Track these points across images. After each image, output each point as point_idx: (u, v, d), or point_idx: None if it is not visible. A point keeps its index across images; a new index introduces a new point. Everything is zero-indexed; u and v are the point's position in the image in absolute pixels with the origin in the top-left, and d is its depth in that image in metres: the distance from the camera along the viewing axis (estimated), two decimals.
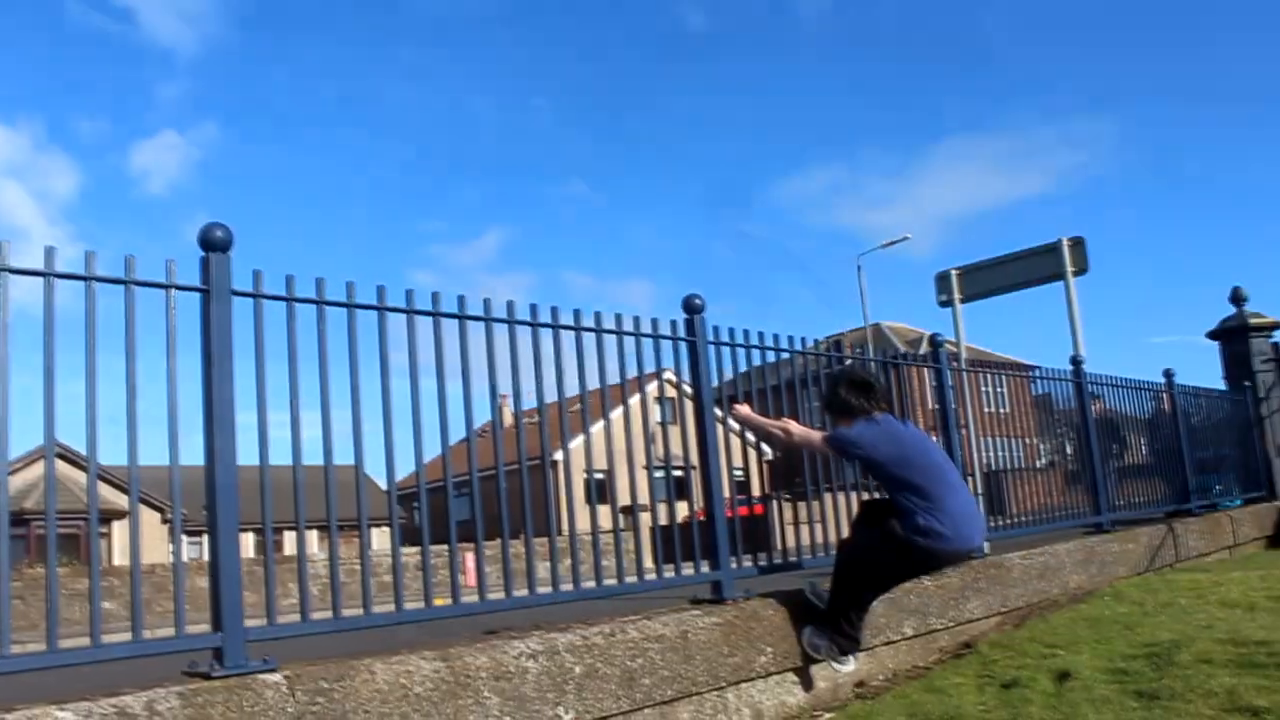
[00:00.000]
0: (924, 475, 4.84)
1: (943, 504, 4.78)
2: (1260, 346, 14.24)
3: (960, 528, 4.79)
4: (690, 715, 4.65)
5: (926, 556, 4.86)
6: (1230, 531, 11.42)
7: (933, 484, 4.83)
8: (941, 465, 5.01)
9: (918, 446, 5.00)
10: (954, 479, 5.06)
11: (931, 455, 5.03)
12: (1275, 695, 4.14)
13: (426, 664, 3.81)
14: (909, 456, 4.87)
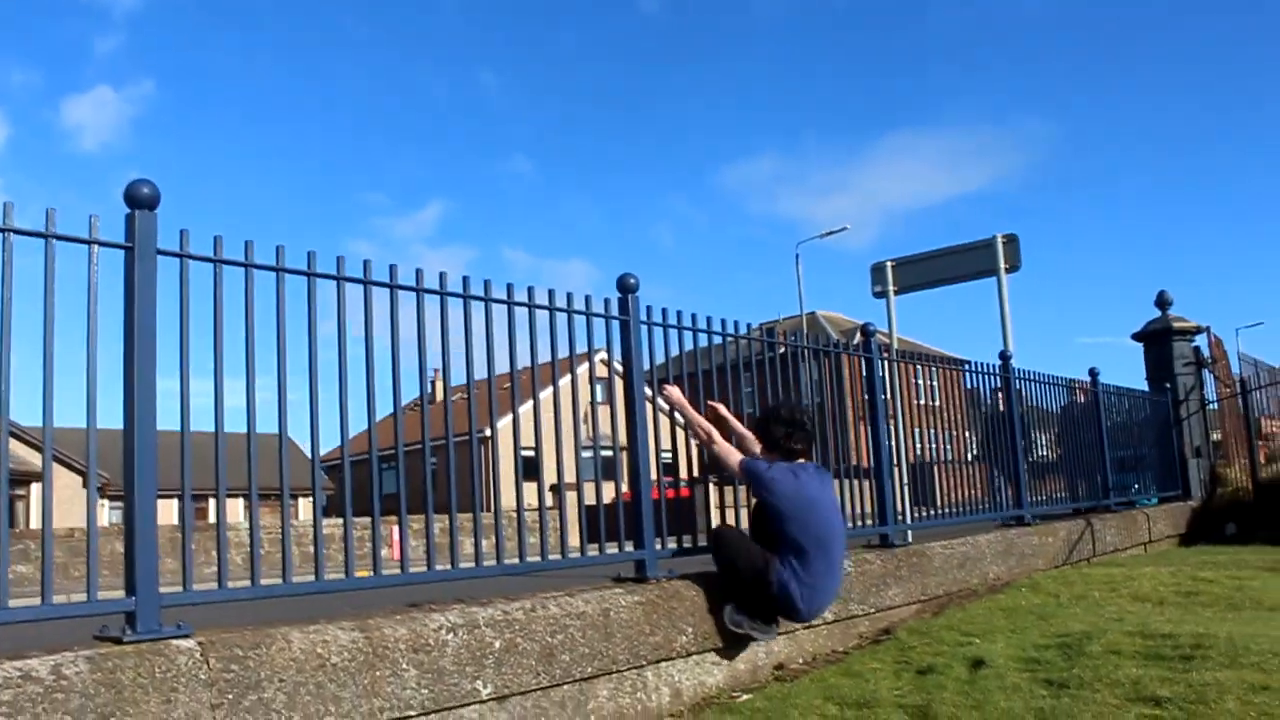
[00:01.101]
0: (814, 545, 5.05)
1: (816, 580, 5.06)
2: (1182, 350, 14.57)
3: (815, 603, 5.13)
4: (609, 693, 4.67)
5: (773, 606, 5.13)
6: (1146, 528, 11.69)
7: (816, 559, 5.05)
8: (834, 539, 5.20)
9: (822, 515, 5.16)
10: (838, 555, 5.28)
11: (831, 527, 5.20)
12: (1177, 686, 4.25)
13: (344, 634, 3.78)
14: (808, 522, 5.05)
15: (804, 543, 5.01)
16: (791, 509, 5.03)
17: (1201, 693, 4.13)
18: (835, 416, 7.21)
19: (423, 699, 3.91)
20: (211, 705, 3.36)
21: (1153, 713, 3.96)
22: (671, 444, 5.94)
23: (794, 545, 5.00)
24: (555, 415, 5.07)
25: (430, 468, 4.65)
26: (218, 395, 3.86)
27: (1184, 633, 5.41)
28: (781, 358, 6.77)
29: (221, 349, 3.89)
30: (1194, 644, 5.08)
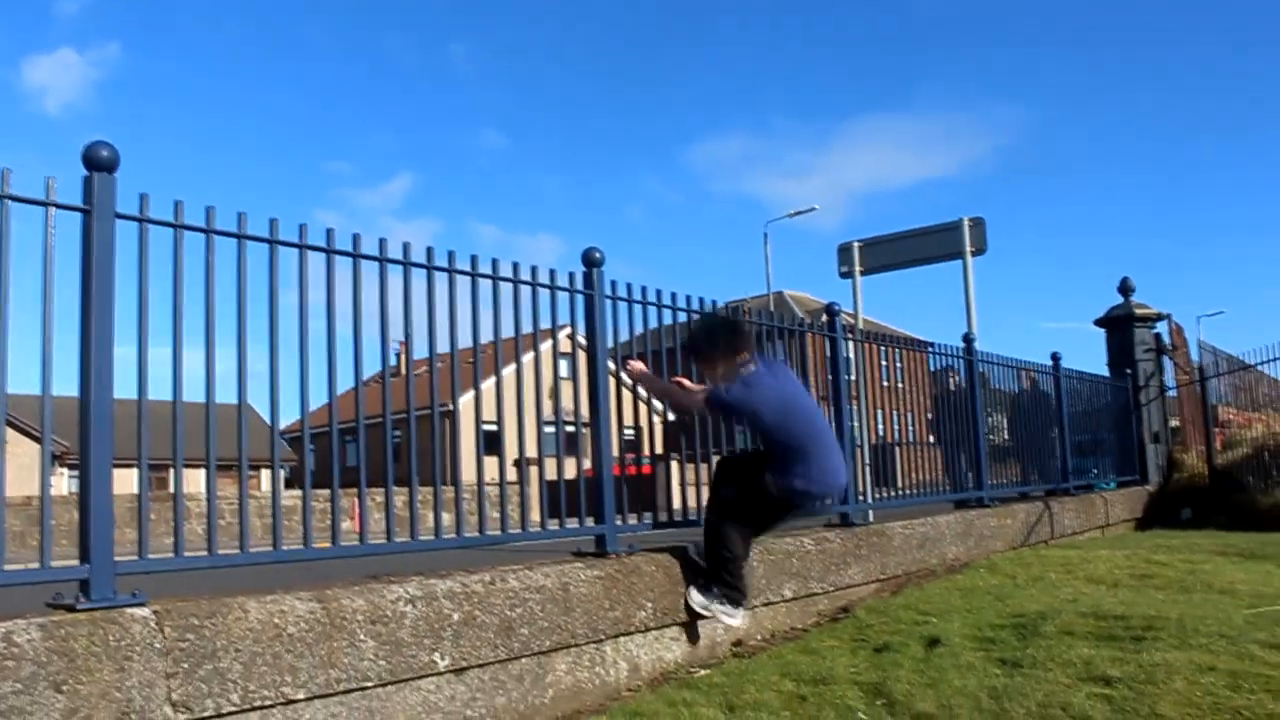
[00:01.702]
0: (814, 438, 5.03)
1: (826, 470, 5.02)
2: (1143, 336, 14.72)
3: (828, 479, 5.09)
4: (567, 667, 4.68)
5: (796, 505, 5.10)
6: (1103, 512, 11.83)
7: (820, 450, 5.01)
8: (823, 422, 5.21)
9: (806, 403, 5.13)
10: (829, 436, 5.29)
11: (815, 410, 5.24)
12: (1127, 666, 4.31)
13: (301, 604, 3.76)
14: (799, 416, 5.02)
15: (804, 441, 4.99)
16: (780, 410, 4.98)
17: (1151, 673, 4.19)
18: None
19: (380, 670, 3.91)
20: (166, 674, 3.34)
21: (1103, 692, 4.01)
22: (635, 420, 5.95)
23: (796, 450, 4.98)
24: (518, 390, 5.05)
25: (393, 441, 4.62)
26: (176, 363, 3.82)
27: (1136, 614, 5.48)
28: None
29: (182, 316, 3.85)
30: (1145, 625, 5.15)
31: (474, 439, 5.02)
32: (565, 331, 5.46)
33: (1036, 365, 11.42)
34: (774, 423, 4.96)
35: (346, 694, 3.83)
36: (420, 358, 4.85)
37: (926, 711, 3.85)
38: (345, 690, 3.81)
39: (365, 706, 3.89)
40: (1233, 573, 7.33)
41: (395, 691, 3.99)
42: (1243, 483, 13.39)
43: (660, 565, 5.16)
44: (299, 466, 18.67)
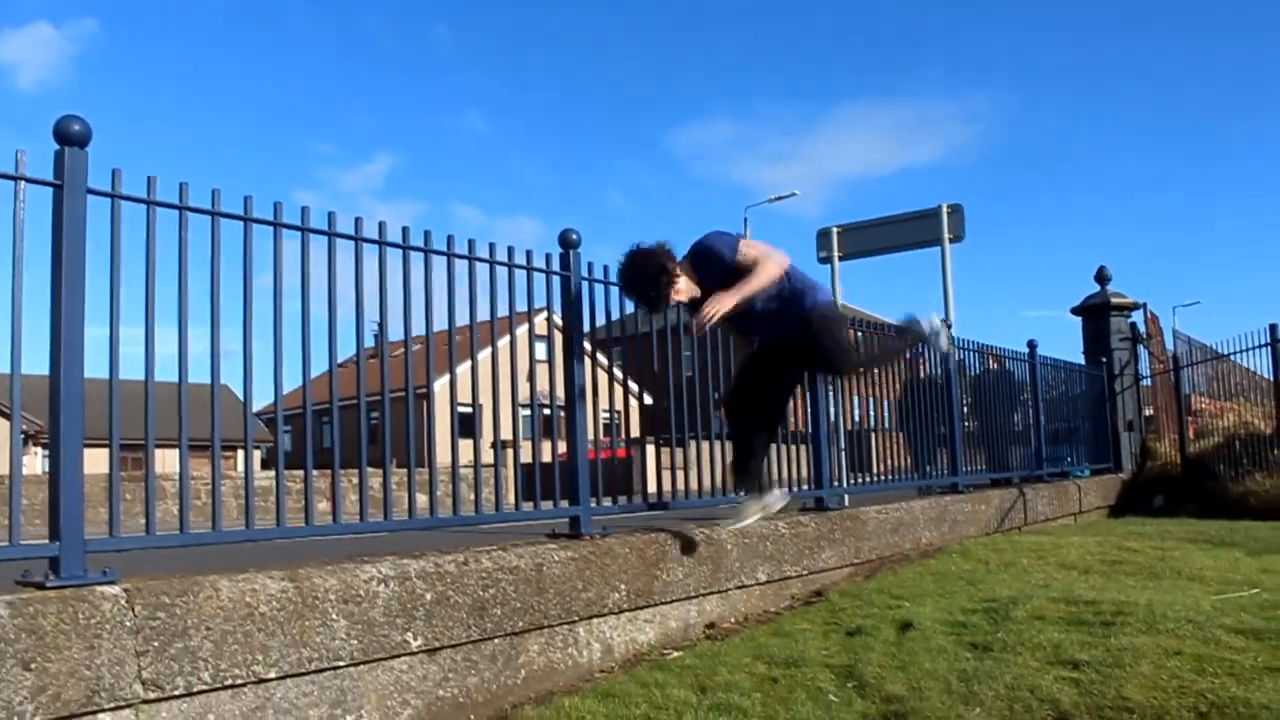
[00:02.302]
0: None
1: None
2: (1119, 325, 14.81)
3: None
4: (540, 647, 4.69)
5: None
6: (1077, 499, 11.92)
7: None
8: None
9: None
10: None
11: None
12: (1095, 650, 4.35)
13: (274, 583, 3.76)
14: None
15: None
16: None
17: (1118, 657, 4.24)
18: None
19: (352, 650, 3.91)
20: (136, 652, 3.33)
21: (1070, 675, 4.05)
22: (610, 403, 5.95)
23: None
24: (493, 371, 5.04)
25: (370, 423, 4.62)
26: (148, 341, 3.79)
27: (1106, 600, 5.53)
28: None
29: (154, 294, 3.82)
30: (1115, 611, 5.20)
31: (449, 421, 5.00)
32: (543, 315, 5.43)
33: (1013, 353, 11.48)
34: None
35: (318, 673, 3.83)
36: (399, 340, 4.84)
37: (896, 693, 3.88)
38: (317, 669, 3.81)
39: (337, 686, 3.89)
40: (1202, 559, 7.40)
41: (367, 671, 3.99)
42: (1214, 471, 13.51)
43: (634, 547, 5.17)
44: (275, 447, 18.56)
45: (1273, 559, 7.44)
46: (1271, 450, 12.86)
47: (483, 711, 4.36)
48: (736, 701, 3.90)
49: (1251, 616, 4.97)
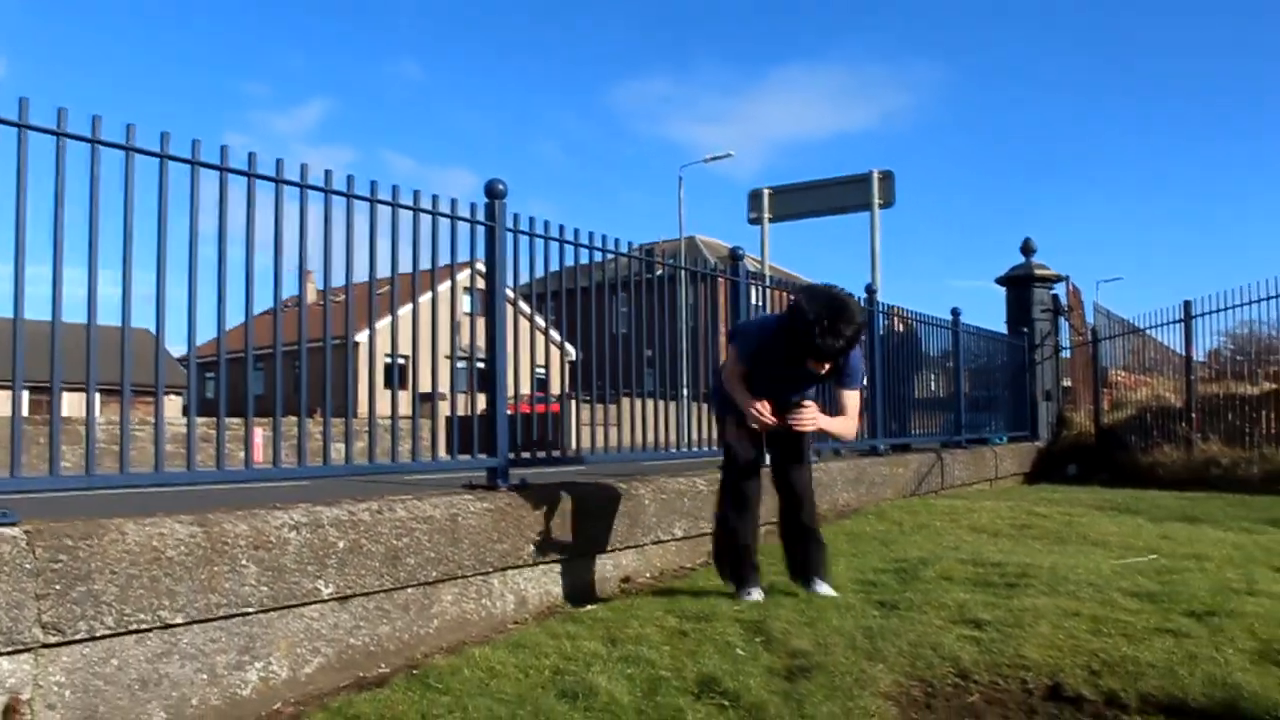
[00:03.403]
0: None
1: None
2: (1041, 296, 15.08)
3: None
4: (454, 598, 4.70)
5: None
6: (993, 465, 12.17)
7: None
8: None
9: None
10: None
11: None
12: (998, 610, 4.46)
13: (182, 528, 3.71)
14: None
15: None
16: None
17: (1019, 617, 4.35)
18: (707, 340, 7.30)
19: (262, 596, 3.88)
20: (36, 595, 3.27)
21: (972, 634, 4.15)
22: (546, 360, 5.94)
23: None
24: (413, 323, 5.00)
25: (294, 370, 4.56)
26: (56, 280, 3.70)
27: (1012, 562, 5.67)
28: (658, 280, 6.81)
29: (62, 232, 3.72)
30: (1020, 573, 5.34)
31: (368, 370, 4.95)
32: (477, 265, 5.39)
33: (937, 319, 11.64)
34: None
35: (227, 619, 3.80)
36: (331, 287, 4.78)
37: (802, 649, 3.94)
38: (226, 615, 3.78)
39: (246, 632, 3.86)
40: (1107, 526, 7.61)
41: (278, 618, 3.97)
42: (1126, 442, 13.87)
43: (552, 501, 5.18)
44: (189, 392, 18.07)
45: (1173, 526, 7.68)
46: (1180, 424, 13.22)
47: (394, 660, 4.37)
48: (645, 654, 3.93)
49: (1148, 580, 5.13)
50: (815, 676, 3.62)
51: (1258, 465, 11.53)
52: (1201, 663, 3.68)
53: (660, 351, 6.82)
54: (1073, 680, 3.64)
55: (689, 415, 7.06)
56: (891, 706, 3.48)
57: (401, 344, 5.23)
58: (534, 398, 5.84)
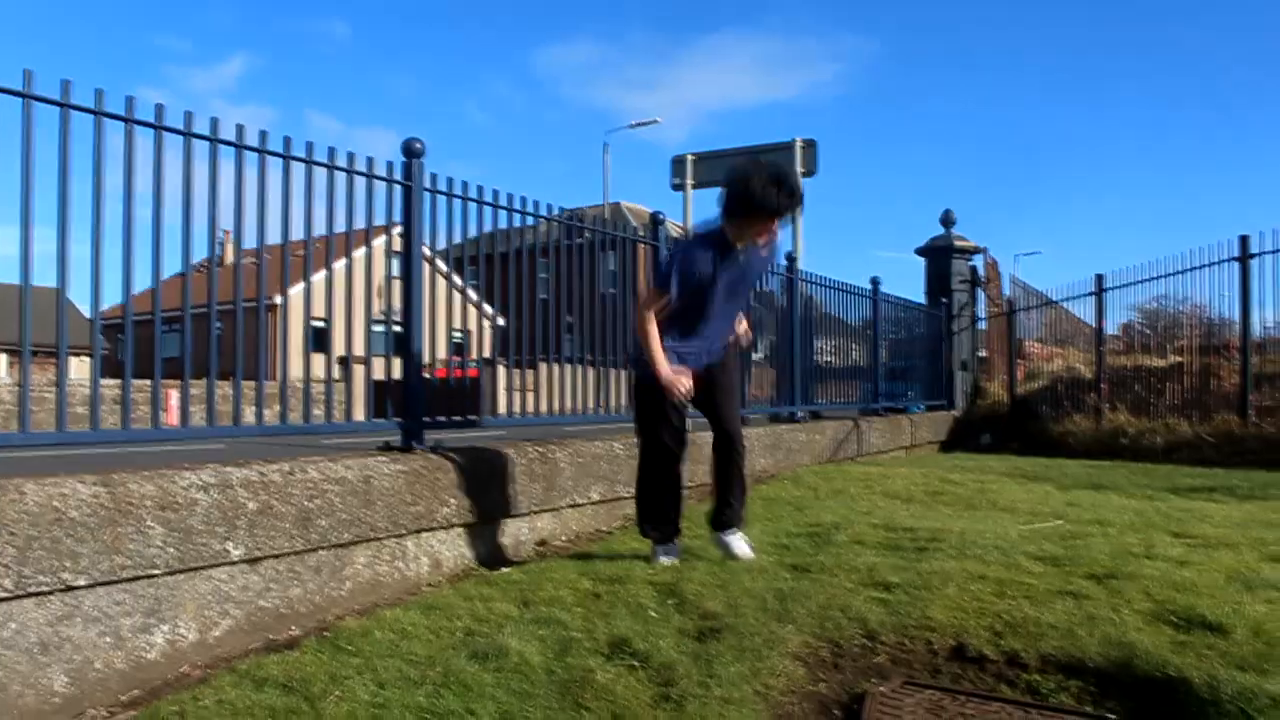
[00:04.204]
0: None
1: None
2: (960, 267, 15.30)
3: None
4: (367, 560, 4.66)
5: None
6: (909, 433, 12.36)
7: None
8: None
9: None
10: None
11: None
12: (907, 574, 4.55)
13: (85, 488, 3.63)
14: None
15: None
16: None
17: (928, 580, 4.43)
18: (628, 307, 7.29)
19: (168, 558, 3.81)
20: None
21: (881, 596, 4.22)
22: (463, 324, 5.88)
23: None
24: (328, 286, 4.92)
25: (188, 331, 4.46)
26: None
27: (923, 527, 5.78)
28: (580, 246, 6.79)
29: None
30: (930, 537, 5.44)
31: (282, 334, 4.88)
32: (396, 230, 5.31)
33: (856, 288, 11.76)
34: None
35: (132, 581, 3.73)
36: (248, 249, 4.69)
37: (714, 610, 3.98)
38: (131, 578, 3.71)
39: (152, 595, 3.80)
40: (1016, 492, 7.79)
41: (185, 580, 3.91)
42: (1038, 412, 14.18)
43: (467, 463, 5.16)
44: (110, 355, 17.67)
45: (1080, 493, 7.88)
46: (1090, 394, 13.54)
47: (306, 622, 4.33)
48: (558, 616, 3.95)
49: (1053, 545, 5.26)
50: (725, 637, 3.67)
51: (1162, 435, 11.85)
52: (1100, 623, 3.79)
53: (581, 317, 6.81)
54: (976, 641, 3.72)
55: (610, 380, 7.06)
56: (799, 667, 3.54)
57: (324, 309, 5.14)
58: (450, 362, 5.79)
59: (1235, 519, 6.50)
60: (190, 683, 3.62)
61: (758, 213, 4.66)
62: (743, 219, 4.70)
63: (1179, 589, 4.24)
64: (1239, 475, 9.25)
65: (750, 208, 4.64)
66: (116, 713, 3.45)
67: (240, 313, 4.66)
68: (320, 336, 5.32)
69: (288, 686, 3.29)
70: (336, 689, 3.24)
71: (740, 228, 4.74)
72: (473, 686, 3.24)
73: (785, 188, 4.64)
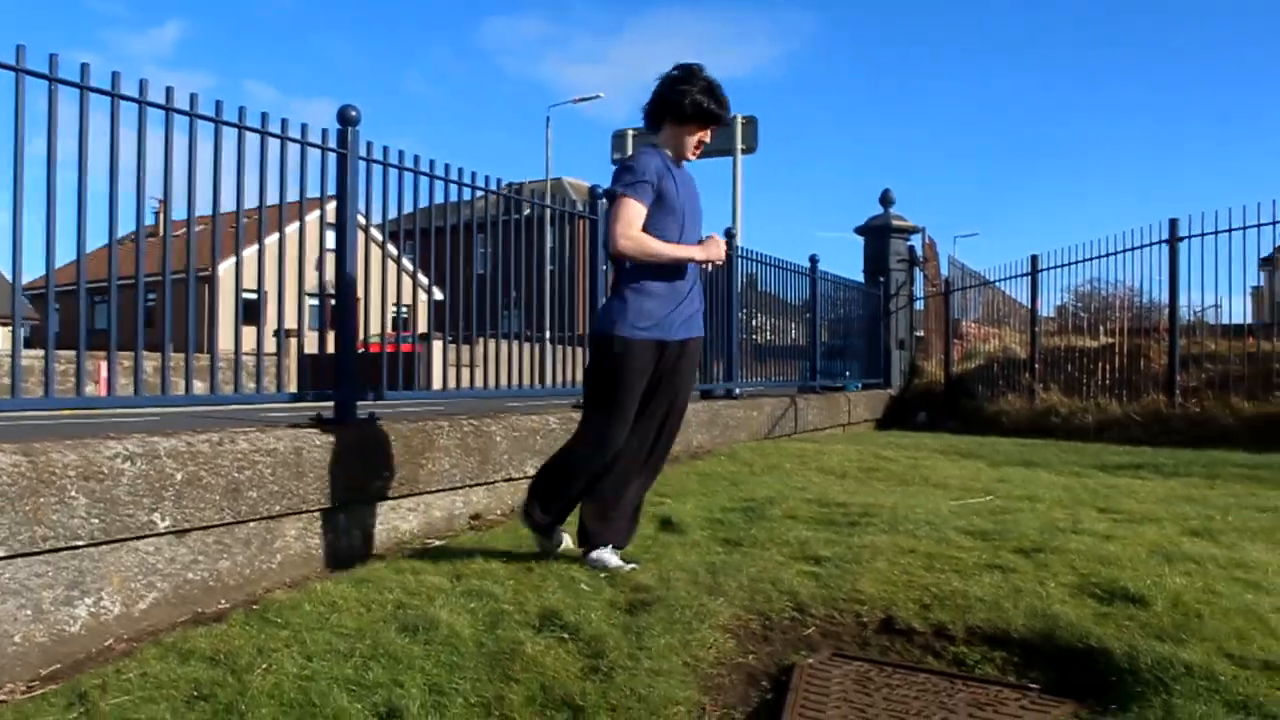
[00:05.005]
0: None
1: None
2: (898, 247, 15.43)
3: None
4: (298, 532, 4.61)
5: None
6: (846, 411, 12.47)
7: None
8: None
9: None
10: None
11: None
12: (838, 547, 4.59)
13: (4, 456, 3.54)
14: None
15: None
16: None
17: (858, 554, 4.48)
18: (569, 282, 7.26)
19: (92, 529, 3.74)
20: None
21: (812, 569, 4.26)
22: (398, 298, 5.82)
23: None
24: (259, 258, 4.85)
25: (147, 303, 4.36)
26: None
27: (856, 502, 5.84)
28: (521, 221, 6.75)
29: None
30: (862, 512, 5.50)
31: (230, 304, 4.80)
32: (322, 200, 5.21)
33: (795, 265, 11.80)
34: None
35: (54, 553, 3.66)
36: (180, 220, 4.59)
37: (646, 584, 3.99)
38: (53, 549, 3.64)
39: (75, 566, 3.73)
40: (949, 469, 7.89)
41: (109, 551, 3.84)
42: (974, 391, 14.37)
43: (400, 436, 5.12)
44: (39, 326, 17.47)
45: (1011, 470, 8.01)
46: (1024, 374, 13.75)
47: (235, 595, 4.28)
48: (490, 588, 3.94)
49: (982, 520, 5.34)
50: (656, 610, 3.68)
51: (1092, 414, 12.07)
52: (1025, 596, 3.86)
53: (523, 292, 6.76)
54: (904, 613, 3.77)
55: (550, 356, 7.02)
56: (729, 639, 3.56)
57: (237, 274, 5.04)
58: (384, 336, 5.72)
59: (1159, 495, 6.65)
60: (114, 656, 3.56)
61: (700, 116, 4.37)
62: (686, 123, 4.39)
63: (1103, 562, 4.32)
64: (1165, 453, 9.46)
65: (705, 117, 4.38)
66: (36, 687, 3.39)
67: (167, 283, 4.56)
68: (253, 309, 5.25)
69: (214, 659, 3.25)
70: (263, 662, 3.21)
71: (678, 137, 4.43)
72: (401, 658, 3.23)
73: (720, 91, 4.43)
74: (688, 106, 4.35)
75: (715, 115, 4.43)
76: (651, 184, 4.27)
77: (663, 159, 4.40)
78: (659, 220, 4.30)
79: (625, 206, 4.25)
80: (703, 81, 4.39)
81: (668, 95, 4.40)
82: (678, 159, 4.48)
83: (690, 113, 4.37)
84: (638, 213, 4.24)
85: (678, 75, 4.43)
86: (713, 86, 4.40)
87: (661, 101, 4.43)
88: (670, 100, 4.39)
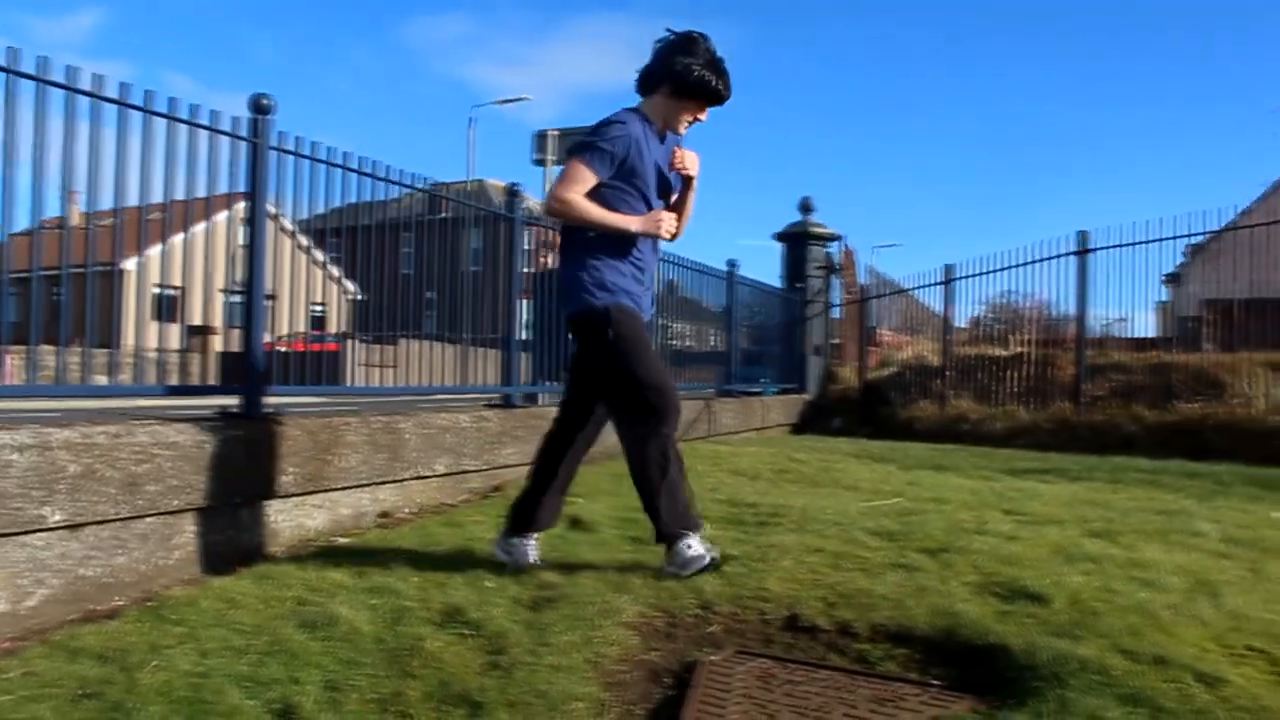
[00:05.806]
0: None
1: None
2: (816, 254, 15.56)
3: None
4: (199, 528, 4.51)
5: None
6: (761, 415, 12.55)
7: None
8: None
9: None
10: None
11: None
12: (747, 546, 4.62)
13: None
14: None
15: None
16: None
17: (766, 553, 4.51)
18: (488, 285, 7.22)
19: None
20: None
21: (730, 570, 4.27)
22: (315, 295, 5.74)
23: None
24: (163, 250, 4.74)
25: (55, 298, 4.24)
26: None
27: (766, 503, 5.88)
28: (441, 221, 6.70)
29: None
30: (772, 512, 5.54)
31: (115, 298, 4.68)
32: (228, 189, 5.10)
33: (712, 269, 11.83)
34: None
35: None
36: (102, 210, 4.47)
37: (551, 581, 3.97)
38: None
39: None
40: (860, 472, 7.98)
41: None
42: (888, 397, 14.56)
43: (307, 431, 5.03)
44: None
45: (921, 474, 8.12)
46: (937, 381, 13.97)
47: (131, 592, 4.17)
48: (393, 585, 3.89)
49: (890, 521, 5.41)
50: (561, 607, 3.66)
51: (1001, 421, 12.31)
52: (929, 594, 3.91)
53: (442, 294, 6.69)
54: (809, 611, 3.79)
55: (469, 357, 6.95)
56: (634, 636, 3.55)
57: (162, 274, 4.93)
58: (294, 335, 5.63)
59: (1064, 498, 6.79)
60: None
61: (703, 93, 4.12)
62: (685, 98, 4.14)
63: (1006, 562, 4.40)
64: (1071, 459, 9.68)
65: (704, 88, 4.10)
66: None
67: (65, 275, 4.44)
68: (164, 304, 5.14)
69: (104, 657, 3.17)
70: (156, 659, 3.13)
71: (672, 110, 4.18)
72: (300, 655, 3.17)
73: (724, 66, 4.13)
74: (692, 82, 4.08)
75: (719, 95, 4.17)
76: (614, 156, 4.06)
77: (644, 129, 4.14)
78: (619, 194, 4.13)
79: (573, 168, 4.09)
80: (707, 54, 4.10)
81: (668, 63, 4.11)
82: (662, 131, 4.24)
83: (693, 88, 4.11)
84: (583, 177, 4.05)
85: (677, 42, 4.12)
86: (717, 61, 4.11)
87: (660, 69, 4.13)
88: (671, 70, 4.10)
